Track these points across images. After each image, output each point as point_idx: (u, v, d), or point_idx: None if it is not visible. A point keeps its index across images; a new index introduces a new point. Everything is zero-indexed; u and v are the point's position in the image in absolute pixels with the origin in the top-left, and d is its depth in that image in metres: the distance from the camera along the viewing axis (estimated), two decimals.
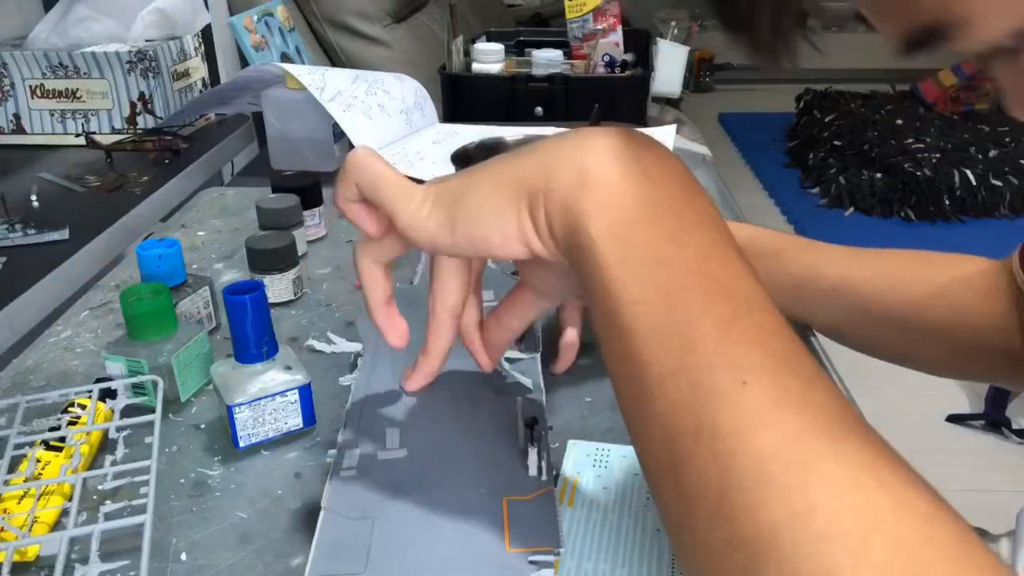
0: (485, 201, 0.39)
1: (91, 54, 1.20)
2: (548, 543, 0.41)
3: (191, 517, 0.49)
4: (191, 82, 1.32)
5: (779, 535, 0.26)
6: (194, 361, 0.60)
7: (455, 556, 0.40)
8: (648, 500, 0.49)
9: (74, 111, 1.23)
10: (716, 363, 0.30)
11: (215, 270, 0.81)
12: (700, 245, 0.34)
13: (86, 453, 0.53)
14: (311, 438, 0.55)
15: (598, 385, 0.60)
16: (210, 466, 0.53)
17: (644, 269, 0.33)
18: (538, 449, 0.46)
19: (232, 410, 0.53)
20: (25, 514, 0.46)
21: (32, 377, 0.64)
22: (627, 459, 0.52)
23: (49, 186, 1.05)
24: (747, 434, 0.29)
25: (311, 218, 0.85)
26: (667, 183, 0.36)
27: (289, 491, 0.51)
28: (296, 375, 0.55)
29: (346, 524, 0.42)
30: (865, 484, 0.27)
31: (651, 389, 0.32)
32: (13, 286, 0.78)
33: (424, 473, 0.46)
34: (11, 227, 0.88)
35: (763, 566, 0.27)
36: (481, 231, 0.39)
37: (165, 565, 0.45)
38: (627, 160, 0.36)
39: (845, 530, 0.26)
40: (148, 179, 1.07)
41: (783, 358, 0.31)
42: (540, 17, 2.94)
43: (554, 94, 1.45)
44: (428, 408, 0.51)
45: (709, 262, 0.34)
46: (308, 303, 0.74)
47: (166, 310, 0.59)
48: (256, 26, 1.41)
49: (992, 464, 1.84)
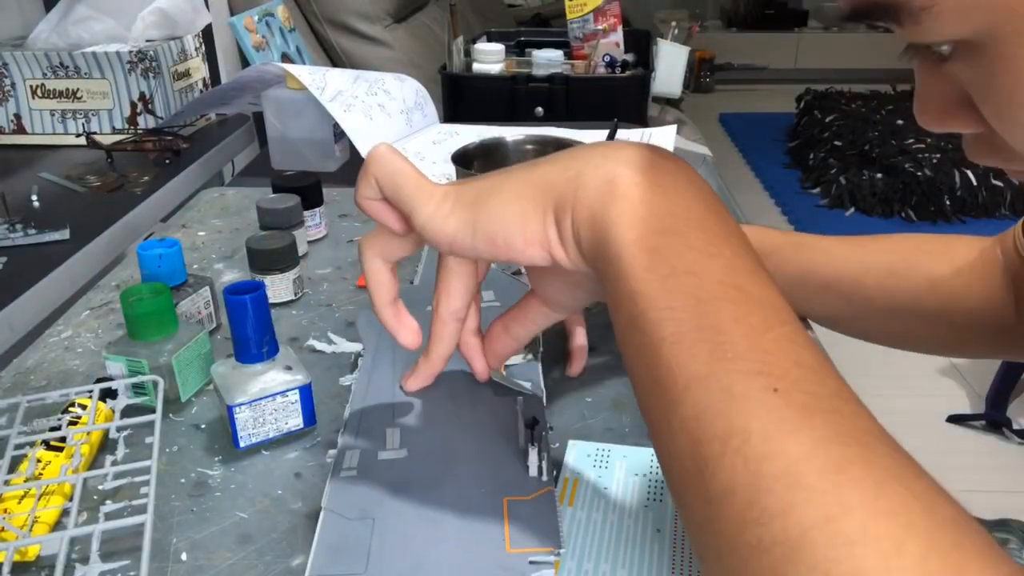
0: (510, 205, 0.39)
1: (92, 54, 1.20)
2: (548, 543, 0.41)
3: (191, 517, 0.49)
4: (192, 82, 1.32)
5: (810, 538, 0.26)
6: (194, 361, 0.60)
7: (455, 556, 0.40)
8: (648, 500, 0.49)
9: (75, 111, 1.23)
10: (747, 369, 0.30)
11: (215, 270, 0.81)
12: (728, 257, 0.35)
13: (86, 453, 0.53)
14: (311, 438, 0.55)
15: (598, 385, 0.61)
16: (210, 466, 0.53)
17: (673, 278, 0.34)
18: (538, 449, 0.46)
19: (232, 410, 0.53)
20: (25, 514, 0.46)
21: (33, 377, 0.64)
22: (627, 459, 0.52)
23: (50, 186, 1.05)
24: (778, 438, 0.28)
25: (311, 218, 0.85)
26: (692, 196, 0.37)
27: (289, 491, 0.51)
28: (296, 375, 0.55)
29: (346, 524, 0.42)
30: (896, 489, 0.27)
31: (679, 394, 0.32)
32: (13, 286, 0.78)
33: (424, 473, 0.46)
34: (12, 227, 0.88)
35: (793, 568, 0.26)
36: (504, 235, 0.39)
37: (165, 565, 0.45)
38: (655, 172, 0.37)
39: (878, 534, 0.26)
40: (149, 179, 1.07)
41: (812, 368, 0.31)
42: (540, 17, 2.94)
43: (554, 94, 1.46)
44: (428, 408, 0.51)
45: (737, 273, 0.34)
46: (308, 303, 0.74)
47: (166, 310, 0.59)
48: (257, 26, 1.41)
49: (992, 464, 1.84)
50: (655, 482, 0.50)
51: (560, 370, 0.63)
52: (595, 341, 0.67)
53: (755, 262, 0.35)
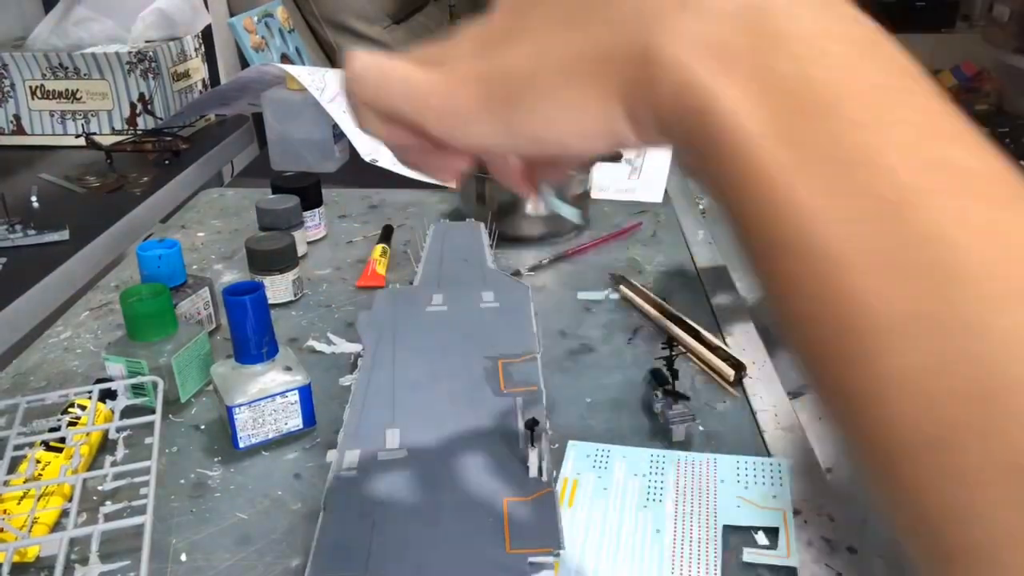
0: (557, 97, 0.28)
1: (91, 55, 1.20)
2: (548, 544, 0.41)
3: (191, 518, 0.49)
4: (191, 83, 1.32)
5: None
6: (194, 362, 0.60)
7: (455, 557, 0.40)
8: (648, 500, 0.49)
9: (74, 112, 1.23)
10: (993, 299, 0.20)
11: (215, 271, 0.81)
12: (917, 114, 0.23)
13: (86, 454, 0.53)
14: (311, 439, 0.55)
15: (598, 385, 0.61)
16: (210, 467, 0.53)
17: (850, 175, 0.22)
18: (538, 450, 0.46)
19: (232, 411, 0.53)
20: (25, 515, 0.46)
21: (32, 378, 0.64)
22: (627, 459, 0.52)
23: (49, 187, 1.05)
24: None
25: (311, 219, 0.85)
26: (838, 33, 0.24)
27: (289, 492, 0.51)
28: (296, 376, 0.55)
29: (346, 525, 0.42)
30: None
31: (882, 340, 0.21)
32: (13, 287, 0.78)
33: (424, 474, 0.46)
34: (11, 228, 0.88)
35: None
36: (556, 137, 0.28)
37: (165, 566, 0.45)
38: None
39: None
40: (148, 180, 1.07)
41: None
42: None
43: None
44: (428, 409, 0.51)
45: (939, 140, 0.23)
46: (308, 304, 0.74)
47: (166, 311, 0.59)
48: (256, 27, 1.41)
49: None
50: (655, 482, 0.50)
51: (559, 371, 0.63)
52: (594, 342, 0.67)
53: (956, 114, 0.23)
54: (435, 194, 0.98)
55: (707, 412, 0.58)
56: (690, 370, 0.63)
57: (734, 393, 0.60)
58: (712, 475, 0.51)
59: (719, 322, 0.70)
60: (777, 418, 0.57)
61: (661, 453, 0.53)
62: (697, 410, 0.57)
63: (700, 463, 0.52)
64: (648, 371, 0.61)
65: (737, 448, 0.54)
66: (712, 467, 0.52)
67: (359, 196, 0.99)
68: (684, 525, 0.47)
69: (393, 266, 0.81)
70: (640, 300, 0.72)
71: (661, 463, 0.52)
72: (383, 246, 0.82)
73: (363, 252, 0.84)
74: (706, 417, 0.57)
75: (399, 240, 0.85)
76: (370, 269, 0.79)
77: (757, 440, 0.55)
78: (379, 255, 0.80)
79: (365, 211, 0.94)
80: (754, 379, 0.62)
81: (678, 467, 0.52)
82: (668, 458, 0.52)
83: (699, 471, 0.51)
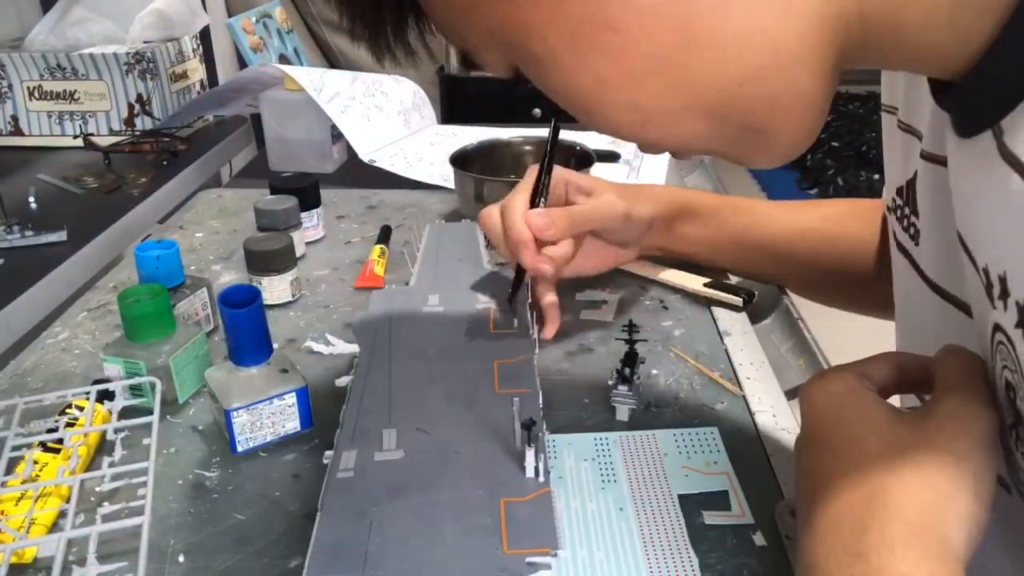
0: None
1: (89, 55, 1.20)
2: (546, 544, 0.41)
3: (189, 519, 0.49)
4: (189, 83, 1.32)
5: None
6: (192, 363, 0.60)
7: (453, 557, 0.40)
8: (603, 482, 0.49)
9: (72, 112, 1.23)
10: None
11: (213, 271, 0.81)
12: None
13: (84, 455, 0.52)
14: (309, 440, 0.55)
15: (596, 385, 0.60)
16: (208, 468, 0.53)
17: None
18: (535, 450, 0.46)
19: (230, 415, 0.52)
20: (23, 516, 0.46)
21: (30, 378, 0.64)
22: (572, 446, 0.53)
23: (47, 187, 1.05)
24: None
25: (309, 219, 0.85)
26: None
27: (287, 493, 0.51)
28: (293, 378, 0.55)
29: (343, 526, 0.42)
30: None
31: None
32: (11, 287, 0.78)
33: (421, 474, 0.46)
34: (9, 229, 0.88)
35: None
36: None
37: (163, 567, 0.45)
38: None
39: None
40: (146, 180, 1.06)
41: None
42: None
43: None
44: (425, 409, 0.51)
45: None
46: (306, 304, 0.74)
47: (164, 311, 0.59)
48: (254, 28, 1.41)
49: None
50: (605, 464, 0.52)
51: (557, 372, 0.63)
52: (593, 342, 0.67)
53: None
54: (433, 195, 0.98)
55: (707, 412, 0.58)
56: (688, 371, 0.63)
57: (735, 393, 0.60)
58: (655, 449, 0.53)
59: (718, 322, 0.70)
60: (776, 418, 0.57)
61: (602, 436, 0.55)
62: (696, 410, 0.57)
63: (641, 439, 0.54)
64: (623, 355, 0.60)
65: (737, 448, 0.54)
66: (653, 442, 0.54)
67: (357, 197, 0.99)
68: (643, 499, 0.49)
69: (391, 267, 0.81)
70: (634, 267, 0.76)
71: (606, 445, 0.54)
72: (381, 247, 0.82)
73: (361, 253, 0.84)
74: (706, 417, 0.57)
75: (397, 241, 0.85)
76: (368, 270, 0.79)
77: (757, 440, 0.55)
78: (377, 256, 0.80)
79: (363, 212, 0.94)
80: (753, 379, 0.62)
81: (622, 446, 0.53)
82: (611, 439, 0.54)
83: (643, 447, 0.53)
